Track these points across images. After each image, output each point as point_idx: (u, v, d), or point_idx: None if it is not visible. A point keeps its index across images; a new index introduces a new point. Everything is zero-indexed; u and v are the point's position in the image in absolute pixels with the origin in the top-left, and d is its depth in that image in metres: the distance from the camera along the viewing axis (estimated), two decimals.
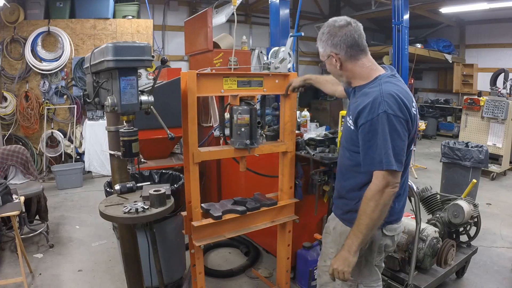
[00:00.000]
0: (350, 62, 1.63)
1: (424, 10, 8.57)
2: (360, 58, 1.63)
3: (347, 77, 1.70)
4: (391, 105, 1.48)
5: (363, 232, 1.52)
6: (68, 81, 6.26)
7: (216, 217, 2.15)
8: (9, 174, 3.88)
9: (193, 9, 8.57)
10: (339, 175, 1.83)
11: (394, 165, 1.46)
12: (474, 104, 6.55)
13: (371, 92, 1.55)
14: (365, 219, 1.51)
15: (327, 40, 1.62)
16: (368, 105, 1.51)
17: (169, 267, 2.72)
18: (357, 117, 1.56)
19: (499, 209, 4.72)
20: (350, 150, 1.68)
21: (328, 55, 1.65)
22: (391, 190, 1.50)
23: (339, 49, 1.60)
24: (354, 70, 1.64)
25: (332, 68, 1.69)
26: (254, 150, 2.26)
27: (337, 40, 1.59)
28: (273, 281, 2.95)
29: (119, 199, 1.98)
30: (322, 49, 1.67)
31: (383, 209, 1.51)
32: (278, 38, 3.62)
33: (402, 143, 1.50)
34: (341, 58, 1.62)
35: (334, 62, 1.65)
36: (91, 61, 1.91)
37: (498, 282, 3.02)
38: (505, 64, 8.11)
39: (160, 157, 3.95)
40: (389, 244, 1.74)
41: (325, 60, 1.69)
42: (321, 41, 1.66)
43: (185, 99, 2.04)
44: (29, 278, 3.03)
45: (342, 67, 1.65)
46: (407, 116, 1.51)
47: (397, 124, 1.47)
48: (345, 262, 1.56)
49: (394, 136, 1.47)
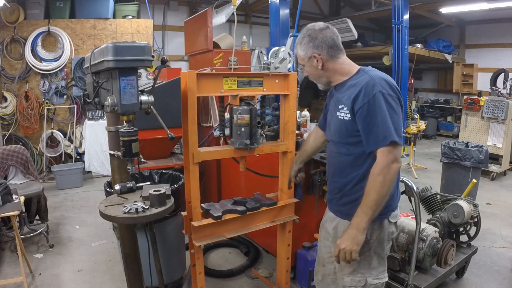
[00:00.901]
0: (331, 62, 1.73)
1: (424, 10, 8.57)
2: (339, 57, 1.74)
3: (327, 77, 1.77)
4: (384, 86, 1.59)
5: (372, 208, 1.56)
6: (68, 81, 6.26)
7: (216, 217, 2.15)
8: (9, 174, 3.88)
9: (193, 9, 8.57)
10: (336, 173, 1.82)
11: (396, 137, 1.55)
12: (474, 104, 6.55)
13: (360, 80, 1.65)
14: (374, 194, 1.55)
15: (309, 43, 1.71)
16: (362, 90, 1.60)
17: (169, 267, 2.72)
18: (353, 104, 1.62)
19: (499, 209, 4.72)
20: (347, 144, 1.71)
21: (310, 56, 1.73)
22: (397, 165, 1.58)
23: (321, 49, 1.70)
24: (335, 68, 1.74)
25: (313, 70, 1.77)
26: (254, 150, 2.26)
27: (318, 42, 1.69)
28: (273, 281, 2.95)
29: (119, 199, 1.98)
30: (303, 52, 1.75)
31: (390, 184, 1.56)
32: (278, 38, 3.62)
33: (399, 119, 1.59)
34: (323, 58, 1.71)
35: (315, 63, 1.73)
36: (91, 61, 1.91)
37: (498, 282, 3.02)
38: (505, 64, 8.11)
39: (160, 157, 3.95)
40: (394, 231, 1.80)
41: (305, 62, 1.77)
42: (301, 45, 1.75)
43: (185, 99, 2.04)
44: (29, 278, 3.04)
45: (323, 67, 1.73)
46: (398, 95, 1.62)
47: (392, 102, 1.58)
48: (354, 241, 1.59)
49: (391, 113, 1.57)
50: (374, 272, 1.76)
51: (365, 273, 1.74)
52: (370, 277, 1.74)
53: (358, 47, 10.38)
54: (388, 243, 1.79)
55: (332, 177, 1.85)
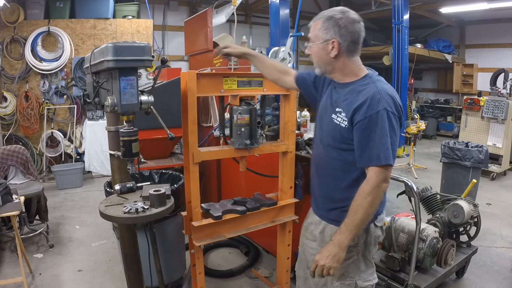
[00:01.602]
0: (345, 56, 1.61)
1: (424, 10, 8.57)
2: (355, 55, 1.64)
3: (334, 68, 1.65)
4: (389, 103, 1.52)
5: (357, 226, 1.53)
6: (68, 81, 6.26)
7: (216, 217, 2.15)
8: (9, 174, 3.88)
9: (193, 9, 8.57)
10: (324, 176, 1.77)
11: (391, 160, 1.51)
12: (474, 104, 6.55)
13: (366, 89, 1.56)
14: (361, 213, 1.52)
15: (334, 26, 1.56)
16: (367, 102, 1.52)
17: (169, 267, 2.72)
18: (353, 113, 1.55)
19: (499, 209, 4.72)
20: (339, 149, 1.65)
21: (327, 39, 1.58)
22: (386, 185, 1.54)
23: (344, 40, 1.57)
24: (346, 64, 1.63)
25: (323, 53, 1.62)
26: (254, 150, 2.26)
27: (345, 31, 1.56)
28: (273, 281, 2.95)
29: (119, 199, 1.98)
30: (324, 32, 1.59)
31: (377, 204, 1.54)
32: (278, 38, 3.62)
33: (397, 140, 1.55)
34: (340, 49, 1.58)
35: (329, 49, 1.59)
36: (91, 61, 1.91)
37: (498, 282, 3.02)
38: (505, 64, 8.11)
39: (160, 157, 3.95)
40: (380, 235, 1.77)
41: (318, 43, 1.62)
42: (324, 23, 1.58)
43: (185, 99, 2.04)
44: (29, 278, 3.03)
45: (336, 57, 1.60)
46: (400, 114, 1.56)
47: (394, 121, 1.52)
48: (335, 258, 1.55)
49: (391, 133, 1.51)
50: (364, 275, 1.75)
51: (354, 276, 1.73)
52: (359, 280, 1.73)
53: None
54: (375, 247, 1.78)
55: (320, 179, 1.80)
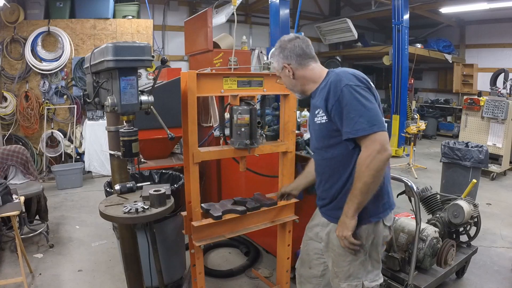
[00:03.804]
0: (300, 69, 1.77)
1: (424, 10, 8.58)
2: (309, 64, 1.78)
3: (300, 85, 1.81)
4: (350, 79, 1.59)
5: (357, 196, 1.57)
6: (68, 81, 6.26)
7: (216, 217, 2.15)
8: (9, 174, 3.88)
9: (193, 9, 8.57)
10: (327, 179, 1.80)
11: (378, 127, 1.52)
12: (474, 104, 6.55)
13: (329, 80, 1.68)
14: (358, 183, 1.56)
15: (279, 54, 1.79)
16: (331, 88, 1.63)
17: (169, 267, 2.72)
18: (325, 104, 1.65)
19: (499, 209, 4.72)
20: (329, 147, 1.71)
21: (282, 67, 1.79)
22: (383, 155, 1.51)
23: (290, 59, 1.76)
24: (305, 75, 1.78)
25: (287, 80, 1.82)
26: (254, 150, 2.26)
27: (287, 52, 1.77)
28: (273, 281, 2.95)
29: (119, 199, 1.98)
30: (276, 63, 1.81)
31: (374, 174, 1.52)
32: (278, 38, 3.61)
33: (374, 106, 1.56)
34: (292, 68, 1.77)
35: (287, 73, 1.79)
36: (91, 61, 1.91)
37: (498, 282, 3.02)
38: (505, 64, 8.12)
39: (160, 157, 3.95)
40: (388, 234, 1.80)
41: (280, 73, 1.83)
42: (274, 56, 1.82)
43: (185, 99, 2.04)
44: (29, 278, 3.04)
45: (294, 75, 1.78)
46: (368, 85, 1.61)
47: (361, 91, 1.57)
48: (344, 226, 1.64)
49: (363, 101, 1.55)
50: (370, 276, 1.77)
51: (361, 277, 1.75)
52: (366, 280, 1.76)
53: (358, 47, 10.38)
54: (383, 247, 1.82)
55: (324, 184, 1.82)
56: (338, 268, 1.77)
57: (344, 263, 1.74)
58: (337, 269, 1.77)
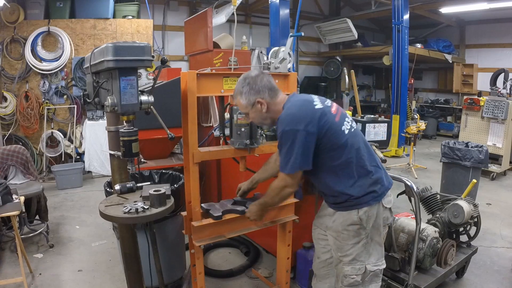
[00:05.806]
0: (272, 102, 1.85)
1: (424, 10, 8.58)
2: (278, 96, 1.87)
3: (271, 118, 1.89)
4: (288, 123, 1.71)
5: (261, 204, 2.00)
6: (68, 81, 6.26)
7: (216, 217, 2.15)
8: (9, 174, 3.88)
9: (193, 9, 8.57)
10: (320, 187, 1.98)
11: (287, 170, 1.74)
12: (474, 104, 6.54)
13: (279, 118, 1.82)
14: (265, 198, 1.96)
15: (250, 90, 1.82)
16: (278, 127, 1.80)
17: (169, 267, 2.72)
18: None
19: (499, 209, 4.72)
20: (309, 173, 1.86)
21: (253, 103, 1.83)
22: (288, 190, 1.83)
23: (263, 93, 1.82)
24: (275, 108, 1.86)
25: (257, 114, 1.87)
26: (254, 150, 2.27)
27: (259, 87, 1.82)
28: (273, 281, 2.95)
29: (119, 199, 1.98)
30: (246, 100, 1.84)
31: (278, 201, 1.97)
32: (278, 38, 3.63)
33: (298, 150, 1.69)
34: (266, 102, 1.83)
35: (259, 107, 1.84)
36: (91, 61, 1.91)
37: (498, 282, 3.02)
38: (505, 64, 8.12)
39: (160, 157, 3.95)
40: (388, 216, 1.90)
41: (249, 110, 1.87)
42: (242, 94, 1.84)
43: (185, 99, 2.04)
44: (29, 278, 3.03)
45: (268, 109, 1.85)
46: (306, 124, 1.69)
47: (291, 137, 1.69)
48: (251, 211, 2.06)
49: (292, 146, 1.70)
50: (373, 259, 1.85)
51: (364, 260, 1.83)
52: (369, 264, 1.84)
53: (358, 47, 10.38)
54: (384, 229, 1.91)
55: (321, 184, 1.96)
56: (341, 252, 1.86)
57: (347, 246, 1.83)
58: (341, 254, 1.86)
